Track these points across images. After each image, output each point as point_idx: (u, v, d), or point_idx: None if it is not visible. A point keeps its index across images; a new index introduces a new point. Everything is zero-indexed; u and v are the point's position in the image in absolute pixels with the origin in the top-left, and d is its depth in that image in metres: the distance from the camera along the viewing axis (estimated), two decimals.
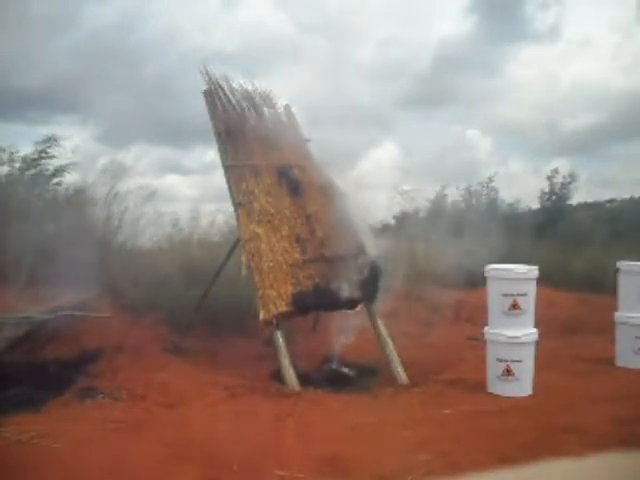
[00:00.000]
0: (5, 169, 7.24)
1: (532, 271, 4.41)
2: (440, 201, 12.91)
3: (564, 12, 25.38)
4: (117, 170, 6.82)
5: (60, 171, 7.58)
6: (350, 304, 4.98)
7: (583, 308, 7.41)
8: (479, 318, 5.42)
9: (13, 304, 4.70)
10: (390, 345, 4.93)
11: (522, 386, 4.30)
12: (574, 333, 6.67)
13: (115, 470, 2.78)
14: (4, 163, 7.24)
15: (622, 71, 22.62)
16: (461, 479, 2.82)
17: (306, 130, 5.87)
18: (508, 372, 4.30)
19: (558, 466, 2.97)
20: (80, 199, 6.99)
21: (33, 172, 7.42)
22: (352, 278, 4.94)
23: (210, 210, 8.10)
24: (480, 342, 4.68)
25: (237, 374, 4.70)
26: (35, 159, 7.45)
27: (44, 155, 7.50)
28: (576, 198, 13.44)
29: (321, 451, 3.08)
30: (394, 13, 21.06)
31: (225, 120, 5.31)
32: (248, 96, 5.73)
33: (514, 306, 4.33)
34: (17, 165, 7.31)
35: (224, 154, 5.18)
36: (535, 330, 4.38)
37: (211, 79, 5.42)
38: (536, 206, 13.29)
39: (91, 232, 6.30)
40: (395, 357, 4.87)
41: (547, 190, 13.05)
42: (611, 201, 14.81)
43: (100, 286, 5.71)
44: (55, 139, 7.55)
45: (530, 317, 4.39)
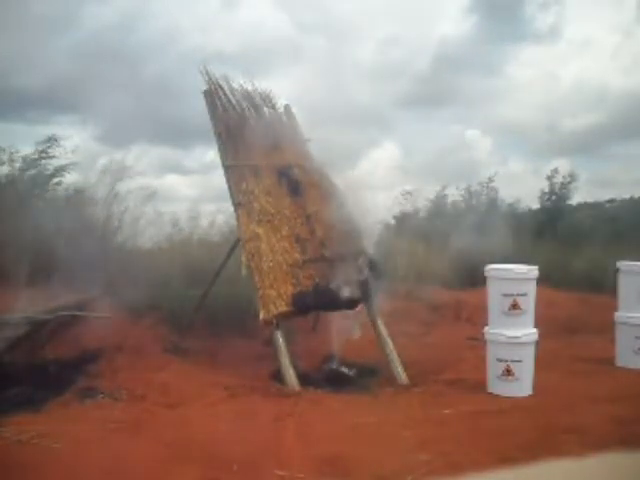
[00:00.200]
0: (5, 169, 7.25)
1: (532, 271, 4.40)
2: (440, 201, 12.93)
3: (564, 12, 25.39)
4: (117, 170, 6.83)
5: (60, 171, 7.57)
6: (350, 304, 4.98)
7: (583, 308, 7.41)
8: (479, 318, 5.42)
9: (13, 304, 4.70)
10: (390, 345, 4.93)
11: (522, 386, 4.29)
12: (574, 333, 6.67)
13: (115, 470, 2.78)
14: (4, 163, 7.24)
15: (622, 71, 22.62)
16: (461, 479, 2.82)
17: (306, 130, 5.87)
18: (508, 372, 4.30)
19: (558, 466, 2.97)
20: (80, 199, 6.99)
21: (33, 172, 7.42)
22: (352, 278, 4.94)
23: (210, 210, 8.13)
24: (480, 342, 4.68)
25: (237, 374, 4.70)
26: (35, 159, 7.45)
27: (44, 155, 7.49)
28: (576, 198, 13.47)
29: (321, 451, 3.08)
30: (394, 13, 21.07)
31: (225, 120, 5.31)
32: (248, 96, 5.73)
33: (514, 306, 4.33)
34: (17, 165, 7.32)
35: (224, 154, 5.18)
36: (535, 330, 4.38)
37: (211, 79, 5.42)
38: (536, 206, 13.32)
39: (91, 232, 6.30)
40: (395, 357, 4.87)
41: (547, 190, 13.07)
42: (611, 201, 14.81)
43: (100, 286, 5.71)
44: (55, 139, 7.55)
45: (530, 317, 4.39)
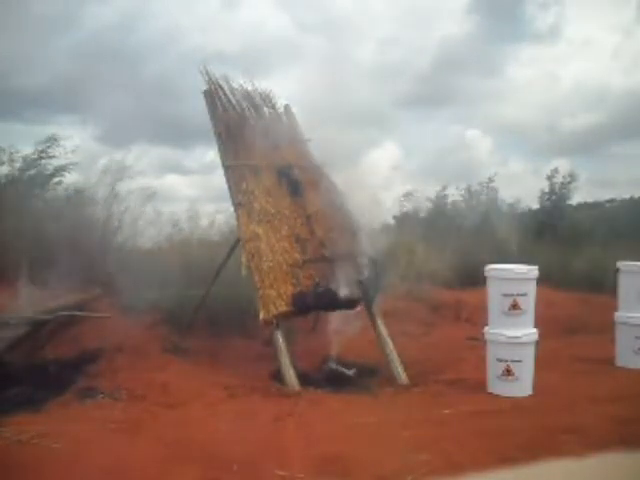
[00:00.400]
0: (5, 169, 7.27)
1: (532, 271, 4.40)
2: (440, 201, 12.94)
3: (564, 12, 25.45)
4: (117, 170, 6.84)
5: (60, 171, 7.59)
6: (350, 304, 4.98)
7: (583, 308, 7.41)
8: (479, 318, 5.42)
9: (13, 304, 4.70)
10: (390, 345, 4.92)
11: (522, 386, 4.29)
12: (574, 333, 6.67)
13: (115, 470, 2.77)
14: (4, 163, 7.26)
15: (622, 71, 22.66)
16: (461, 479, 2.82)
17: (306, 130, 5.87)
18: (508, 372, 4.29)
19: (558, 466, 2.97)
20: (80, 199, 6.99)
21: (33, 172, 7.43)
22: (352, 278, 4.94)
23: (210, 210, 8.13)
24: (480, 342, 4.67)
25: (237, 374, 4.70)
26: (35, 159, 7.46)
27: (44, 155, 7.51)
28: (576, 198, 13.47)
29: (321, 451, 3.08)
30: (394, 13, 21.07)
31: (225, 120, 5.31)
32: (248, 96, 5.74)
33: (514, 306, 4.33)
34: (17, 165, 7.34)
35: (224, 154, 5.18)
36: (535, 330, 4.37)
37: (211, 79, 5.43)
38: (536, 206, 13.32)
39: (91, 232, 6.30)
40: (395, 357, 4.86)
41: (547, 190, 13.06)
42: (611, 201, 14.83)
43: (100, 286, 5.71)
44: (55, 139, 7.57)
45: (530, 317, 4.38)
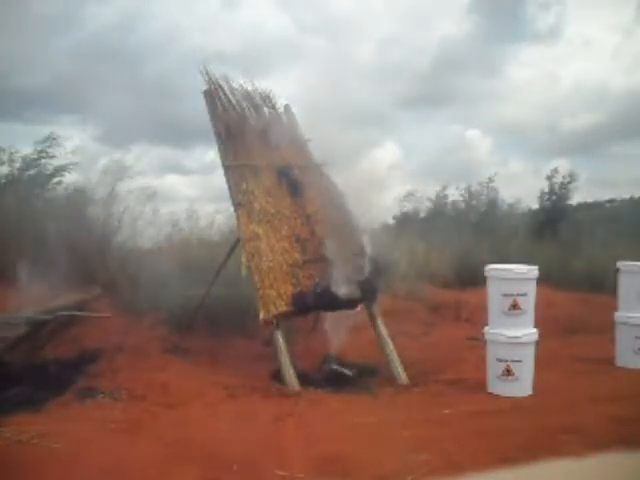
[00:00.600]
0: (5, 169, 7.28)
1: (532, 271, 4.40)
2: (440, 201, 12.95)
3: (564, 12, 25.49)
4: (117, 170, 6.83)
5: (60, 171, 7.60)
6: (350, 304, 4.97)
7: (583, 308, 7.41)
8: (479, 318, 5.42)
9: (13, 304, 4.70)
10: (390, 345, 4.92)
11: (522, 386, 4.29)
12: (574, 333, 6.67)
13: (115, 470, 2.77)
14: (4, 163, 7.27)
15: (622, 71, 22.67)
16: (461, 479, 2.82)
17: (306, 130, 5.87)
18: (508, 372, 4.29)
19: (558, 466, 2.97)
20: (80, 199, 6.99)
21: (33, 172, 7.43)
22: (352, 278, 4.94)
23: (210, 210, 8.12)
24: (480, 342, 4.67)
25: (237, 374, 4.70)
26: (35, 159, 7.47)
27: (44, 155, 7.52)
28: (576, 198, 13.49)
29: (321, 451, 3.08)
30: (394, 13, 21.09)
31: (225, 120, 5.31)
32: (248, 96, 5.73)
33: (514, 306, 4.33)
34: (17, 165, 7.35)
35: (224, 154, 5.18)
36: (535, 330, 4.37)
37: (211, 79, 5.42)
38: (536, 206, 13.34)
39: (91, 232, 6.30)
40: (395, 357, 4.86)
41: (547, 190, 13.08)
42: (611, 201, 14.86)
43: (100, 286, 5.71)
44: (55, 139, 7.58)
45: (530, 317, 4.38)
